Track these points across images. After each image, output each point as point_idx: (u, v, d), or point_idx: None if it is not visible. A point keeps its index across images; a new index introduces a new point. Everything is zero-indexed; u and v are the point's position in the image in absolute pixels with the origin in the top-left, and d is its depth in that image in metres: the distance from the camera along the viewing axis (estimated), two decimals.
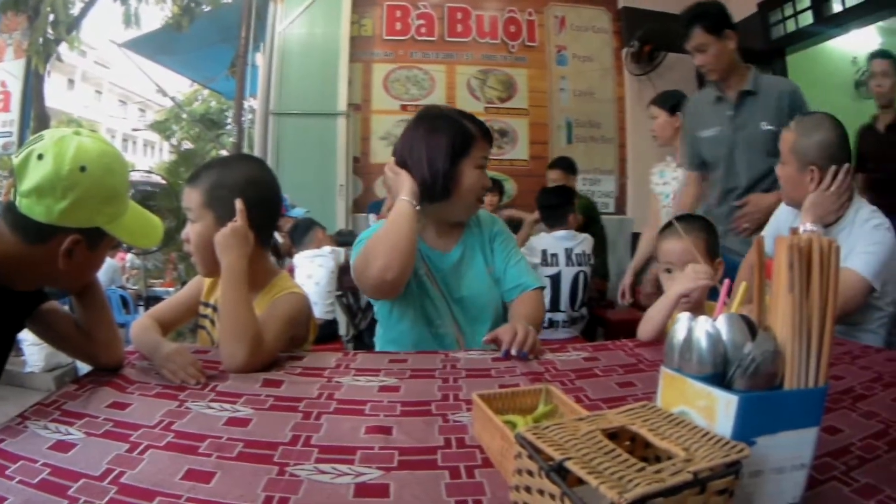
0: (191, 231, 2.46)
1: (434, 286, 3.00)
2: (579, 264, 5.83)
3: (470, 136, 2.94)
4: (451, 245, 3.10)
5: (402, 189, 2.84)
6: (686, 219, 3.15)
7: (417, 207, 2.81)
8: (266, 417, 1.72)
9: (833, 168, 3.20)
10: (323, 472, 1.37)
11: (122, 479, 1.30)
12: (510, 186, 9.57)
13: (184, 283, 2.93)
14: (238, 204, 2.40)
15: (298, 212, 7.45)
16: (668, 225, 3.08)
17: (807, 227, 3.11)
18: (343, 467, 1.40)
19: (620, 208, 10.04)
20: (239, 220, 2.39)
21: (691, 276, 2.71)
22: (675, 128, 5.73)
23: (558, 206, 6.15)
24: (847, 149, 3.29)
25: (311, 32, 9.15)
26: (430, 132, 2.94)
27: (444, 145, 2.89)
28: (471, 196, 2.98)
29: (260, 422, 1.68)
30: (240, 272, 2.32)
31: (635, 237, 9.12)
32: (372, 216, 7.76)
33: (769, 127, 4.19)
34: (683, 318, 1.30)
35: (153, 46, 11.28)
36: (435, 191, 2.91)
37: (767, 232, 3.66)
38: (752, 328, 1.25)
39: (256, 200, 2.54)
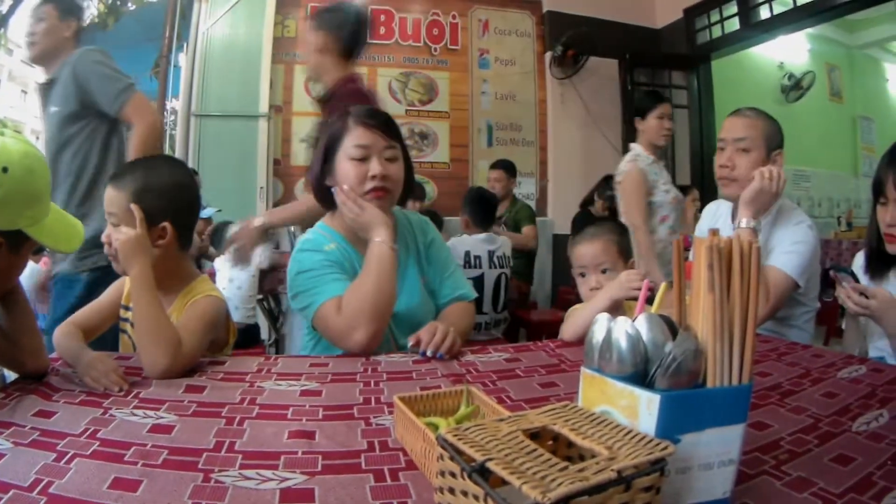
0: (114, 235, 2.41)
1: None
2: (501, 266, 5.90)
3: (343, 126, 2.85)
4: None
5: (373, 227, 2.73)
6: (598, 222, 3.19)
7: (396, 248, 2.73)
8: (189, 424, 1.72)
9: (773, 156, 3.35)
10: (248, 479, 1.37)
11: (51, 490, 1.29)
12: (430, 189, 9.67)
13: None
14: (137, 212, 2.39)
15: (209, 211, 7.43)
16: (581, 229, 3.13)
17: (742, 222, 3.14)
18: (267, 473, 1.40)
19: (541, 210, 10.16)
20: (139, 228, 2.37)
21: (624, 283, 2.73)
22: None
23: (491, 207, 6.27)
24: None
25: (234, 33, 9.10)
26: (322, 135, 2.92)
27: (323, 144, 2.86)
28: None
29: (183, 428, 1.68)
30: (149, 279, 2.31)
31: (556, 239, 9.57)
32: None
33: (55, 108, 4.03)
34: (602, 318, 1.32)
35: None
36: (319, 197, 2.90)
37: (703, 232, 3.71)
38: (672, 328, 1.27)
39: (182, 203, 2.56)
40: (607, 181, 8.31)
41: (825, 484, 1.39)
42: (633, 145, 5.62)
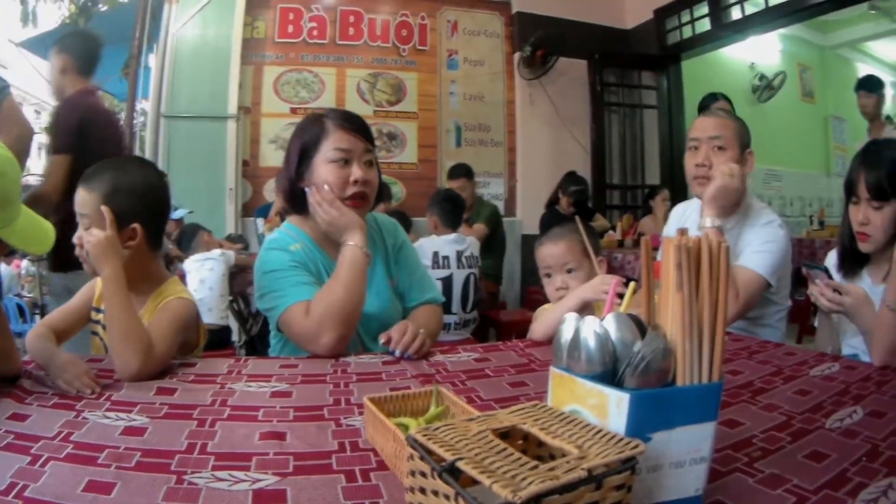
0: (85, 237, 2.40)
1: None
2: (469, 266, 5.90)
3: (320, 130, 2.83)
4: None
5: (348, 230, 2.73)
6: (563, 222, 3.21)
7: (369, 254, 2.74)
8: (161, 426, 1.72)
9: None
10: (220, 480, 1.37)
11: (27, 493, 1.28)
12: (399, 189, 9.73)
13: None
14: (107, 214, 2.38)
15: (181, 212, 7.49)
16: (546, 230, 3.17)
17: (707, 222, 3.18)
18: (240, 474, 1.40)
19: (510, 210, 10.26)
20: (108, 229, 2.36)
21: (598, 286, 2.74)
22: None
23: (458, 208, 6.34)
24: None
25: (204, 34, 9.12)
26: (292, 139, 2.90)
27: (297, 148, 2.84)
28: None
29: (156, 430, 1.67)
30: (121, 281, 2.31)
31: (525, 239, 9.64)
32: (260, 220, 7.77)
33: None
34: (570, 317, 1.31)
35: (50, 46, 11.01)
36: (292, 201, 2.89)
37: (672, 232, 3.72)
38: (640, 327, 1.27)
39: (152, 205, 2.56)
40: (570, 177, 8.45)
41: (799, 481, 1.39)
42: None
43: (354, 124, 2.88)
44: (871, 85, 7.18)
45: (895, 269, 2.36)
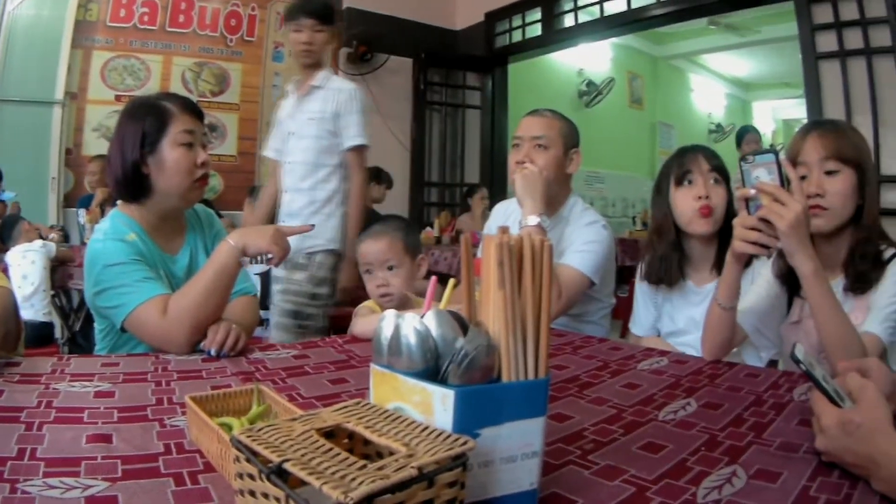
0: None
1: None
2: None
3: (165, 113, 2.79)
4: (178, 246, 3.01)
5: (237, 231, 2.76)
6: (383, 219, 3.30)
7: (248, 260, 2.74)
8: None
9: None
10: (52, 487, 1.35)
11: None
12: (217, 182, 9.68)
13: None
14: None
15: (8, 195, 7.29)
16: (367, 227, 3.24)
17: (528, 220, 3.20)
18: (70, 480, 1.38)
19: None
20: None
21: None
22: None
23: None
24: None
25: (38, 14, 8.77)
26: (124, 124, 2.84)
27: (136, 132, 2.78)
28: (180, 178, 2.81)
29: None
30: None
31: None
32: (82, 211, 7.55)
33: None
34: (390, 314, 1.30)
35: None
36: (131, 187, 2.82)
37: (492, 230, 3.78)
38: (462, 324, 1.29)
39: None
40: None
41: (636, 471, 1.45)
42: None
43: (195, 108, 2.91)
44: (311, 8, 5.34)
45: (727, 268, 2.42)
